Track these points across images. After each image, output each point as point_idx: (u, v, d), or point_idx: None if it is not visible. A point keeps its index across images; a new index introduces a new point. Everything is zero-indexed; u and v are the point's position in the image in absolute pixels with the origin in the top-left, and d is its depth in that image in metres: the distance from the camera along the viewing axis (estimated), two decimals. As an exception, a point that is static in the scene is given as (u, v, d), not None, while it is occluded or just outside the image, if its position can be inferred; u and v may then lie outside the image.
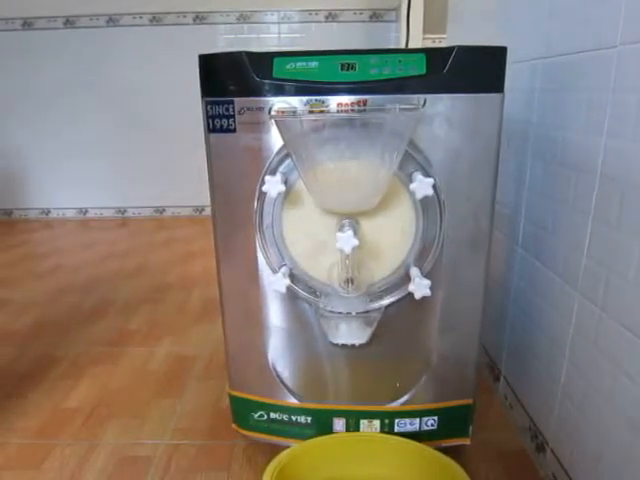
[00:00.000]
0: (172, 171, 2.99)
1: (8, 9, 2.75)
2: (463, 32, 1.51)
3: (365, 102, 0.74)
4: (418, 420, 0.93)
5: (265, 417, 0.96)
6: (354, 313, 0.84)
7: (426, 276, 0.79)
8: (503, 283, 1.13)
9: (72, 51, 2.82)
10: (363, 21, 2.78)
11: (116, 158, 3.00)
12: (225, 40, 2.79)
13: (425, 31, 2.40)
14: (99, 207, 3.10)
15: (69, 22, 2.78)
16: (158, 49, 2.81)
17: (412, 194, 0.76)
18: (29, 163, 3.02)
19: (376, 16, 2.77)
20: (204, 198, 0.83)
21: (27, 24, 2.78)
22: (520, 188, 1.04)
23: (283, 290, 0.81)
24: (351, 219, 0.79)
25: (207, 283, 1.97)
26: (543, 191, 0.94)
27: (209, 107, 0.78)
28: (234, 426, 1.00)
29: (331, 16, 2.77)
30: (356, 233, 0.74)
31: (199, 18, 2.76)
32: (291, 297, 0.87)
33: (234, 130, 0.78)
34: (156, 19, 2.76)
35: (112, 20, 2.77)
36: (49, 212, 3.11)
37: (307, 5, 2.76)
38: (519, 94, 1.02)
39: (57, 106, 2.90)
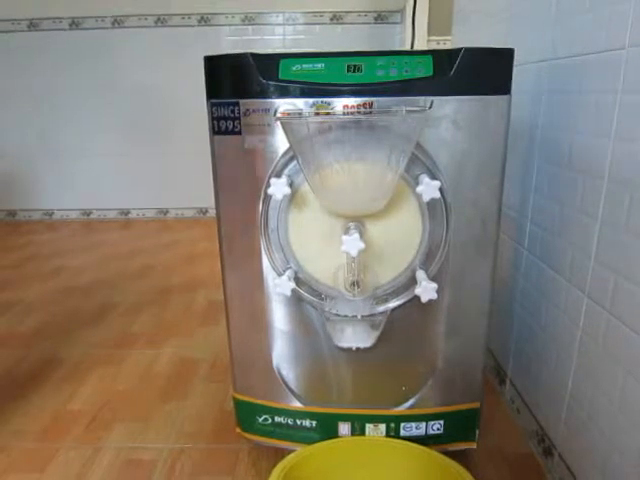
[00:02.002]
0: (176, 172, 2.99)
1: (14, 10, 2.76)
2: (468, 34, 1.50)
3: (371, 104, 0.74)
4: (424, 424, 0.92)
5: (270, 421, 0.95)
6: (360, 316, 0.84)
7: (432, 279, 0.78)
8: (509, 285, 1.12)
9: (77, 52, 2.82)
10: (368, 23, 2.78)
11: (120, 159, 3.00)
12: (230, 42, 2.79)
13: (430, 33, 2.39)
14: (102, 208, 3.10)
15: (75, 23, 2.78)
16: (163, 51, 2.81)
17: (419, 197, 0.75)
18: (33, 164, 3.02)
19: (381, 18, 2.76)
20: (208, 199, 0.83)
21: (33, 25, 2.79)
22: (526, 190, 1.03)
23: (288, 293, 0.81)
24: (357, 222, 0.78)
25: (211, 285, 1.96)
26: (550, 193, 0.93)
27: (214, 109, 0.77)
28: (238, 430, 0.99)
29: (336, 18, 2.77)
30: (362, 236, 0.74)
31: (204, 20, 2.76)
32: (296, 300, 0.86)
33: (239, 132, 0.77)
34: (161, 20, 2.77)
35: (117, 21, 2.77)
36: (53, 213, 3.12)
37: (312, 7, 2.76)
38: (525, 96, 1.02)
39: (62, 107, 2.91)
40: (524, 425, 1.06)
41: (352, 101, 0.74)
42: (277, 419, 0.95)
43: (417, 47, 2.36)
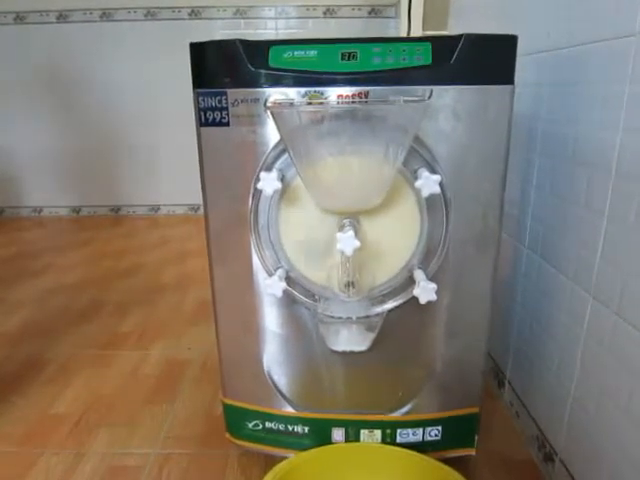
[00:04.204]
0: (167, 168, 2.95)
1: (0, 3, 2.70)
2: (465, 27, 1.46)
3: (367, 94, 0.70)
4: (421, 430, 0.88)
5: (260, 426, 0.91)
6: (355, 318, 0.80)
7: (431, 279, 0.74)
8: (508, 285, 1.09)
9: (65, 46, 2.76)
10: (362, 17, 2.74)
11: (109, 155, 2.94)
12: (221, 36, 2.74)
13: (425, 27, 2.35)
14: (92, 205, 3.05)
15: (62, 16, 2.72)
16: (153, 44, 2.75)
17: (417, 192, 0.71)
18: (21, 160, 2.96)
19: (375, 12, 2.72)
20: (200, 196, 0.79)
21: (19, 18, 2.73)
22: (527, 186, 0.99)
23: (279, 294, 0.76)
24: (352, 219, 0.74)
25: (202, 284, 1.92)
26: (552, 189, 0.90)
27: (200, 99, 0.73)
28: (228, 435, 0.96)
29: (329, 12, 2.73)
30: (357, 234, 0.70)
31: (194, 13, 2.71)
32: (288, 301, 0.82)
33: (227, 123, 0.73)
34: (151, 13, 2.71)
35: (106, 14, 2.71)
36: (41, 210, 3.06)
37: (305, 0, 2.71)
38: (526, 88, 0.98)
39: (50, 102, 2.85)
40: (523, 430, 1.02)
41: (347, 90, 0.70)
42: (268, 425, 0.91)
43: (412, 41, 2.32)
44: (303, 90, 0.70)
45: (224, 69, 0.72)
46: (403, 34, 2.34)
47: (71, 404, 1.18)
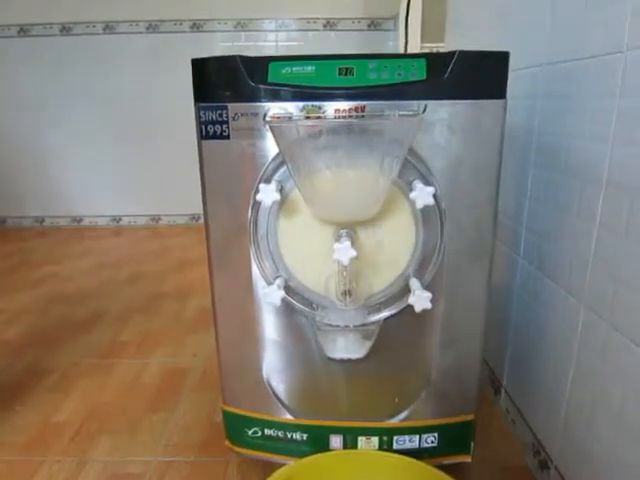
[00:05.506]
0: (168, 179, 2.97)
1: (4, 16, 2.73)
2: (462, 40, 1.49)
3: (363, 108, 0.72)
4: (418, 437, 0.89)
5: (260, 434, 0.92)
6: (352, 326, 0.81)
7: (426, 288, 0.76)
8: (504, 293, 1.10)
9: (68, 58, 2.80)
10: (361, 30, 2.77)
11: (111, 166, 2.97)
12: (222, 48, 2.77)
13: (423, 40, 2.38)
14: (94, 215, 3.07)
15: (65, 29, 2.76)
16: (155, 57, 2.79)
17: (412, 203, 0.73)
18: (23, 171, 2.99)
19: (374, 25, 2.76)
20: (200, 206, 0.81)
21: (23, 31, 2.76)
22: (521, 196, 1.01)
23: (278, 303, 0.78)
24: (349, 229, 0.76)
25: (202, 292, 1.93)
26: (546, 200, 0.92)
27: (202, 113, 0.75)
28: (227, 443, 0.97)
29: (329, 24, 2.76)
30: (354, 243, 0.71)
31: (196, 26, 2.75)
32: (286, 310, 0.84)
33: (228, 137, 0.75)
34: (152, 26, 2.75)
35: (109, 27, 2.75)
36: (43, 220, 3.08)
37: (305, 13, 2.75)
38: (520, 101, 1.00)
39: (52, 114, 2.88)
40: (520, 437, 1.03)
41: (344, 105, 0.72)
42: (267, 432, 0.92)
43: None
44: (301, 104, 0.72)
45: (225, 84, 0.74)
46: (402, 47, 2.37)
47: (72, 412, 1.19)
